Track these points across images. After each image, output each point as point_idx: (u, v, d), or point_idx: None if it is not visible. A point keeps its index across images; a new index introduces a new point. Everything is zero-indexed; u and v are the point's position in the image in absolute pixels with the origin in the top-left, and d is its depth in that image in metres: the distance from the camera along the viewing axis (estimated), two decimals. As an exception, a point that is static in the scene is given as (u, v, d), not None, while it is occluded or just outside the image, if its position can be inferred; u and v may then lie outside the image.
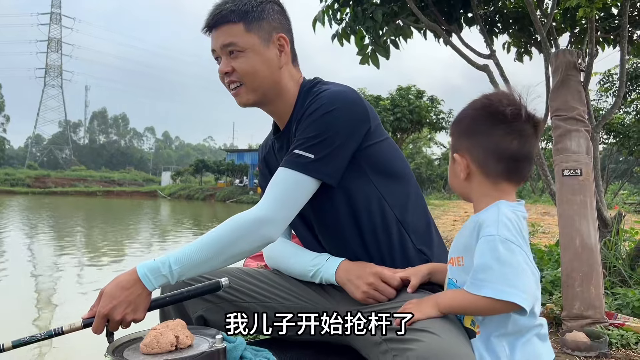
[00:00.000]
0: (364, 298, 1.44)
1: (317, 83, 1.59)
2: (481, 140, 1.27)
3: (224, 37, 1.51)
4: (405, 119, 24.35)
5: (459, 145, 1.31)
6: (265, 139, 1.83)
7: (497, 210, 1.22)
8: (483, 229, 1.20)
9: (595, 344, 2.73)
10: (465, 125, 1.30)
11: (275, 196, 1.42)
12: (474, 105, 1.31)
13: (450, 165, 1.35)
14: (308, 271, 1.55)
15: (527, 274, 1.15)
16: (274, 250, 1.69)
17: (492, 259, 1.15)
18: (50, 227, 17.69)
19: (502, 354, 1.19)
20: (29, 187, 61.07)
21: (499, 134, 1.25)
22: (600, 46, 4.74)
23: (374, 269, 1.47)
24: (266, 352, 1.39)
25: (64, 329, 1.33)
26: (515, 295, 1.12)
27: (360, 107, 1.49)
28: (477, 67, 4.49)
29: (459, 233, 1.35)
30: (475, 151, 1.28)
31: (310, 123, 1.45)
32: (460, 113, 1.34)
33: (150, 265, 1.35)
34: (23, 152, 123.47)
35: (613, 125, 14.68)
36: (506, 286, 1.13)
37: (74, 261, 9.92)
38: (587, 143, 3.22)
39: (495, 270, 1.14)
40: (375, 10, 4.39)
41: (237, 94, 1.56)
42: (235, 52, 1.51)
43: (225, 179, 53.66)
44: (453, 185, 1.38)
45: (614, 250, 3.95)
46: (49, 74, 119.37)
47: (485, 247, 1.17)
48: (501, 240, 1.15)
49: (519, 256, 1.16)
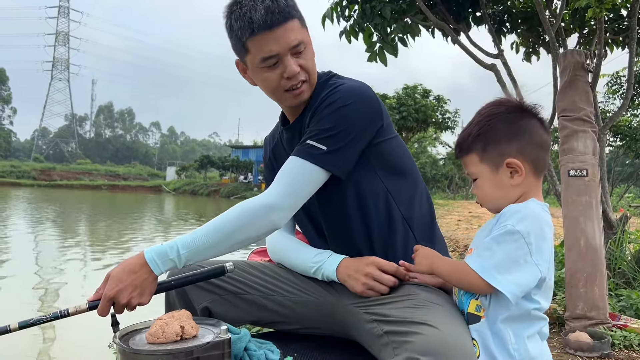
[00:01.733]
0: (363, 290, 1.44)
1: (333, 76, 1.60)
2: (528, 137, 1.29)
3: (293, 35, 1.43)
4: (411, 117, 24.26)
5: (505, 151, 1.29)
6: (271, 131, 1.83)
7: (525, 204, 1.26)
8: (504, 217, 1.24)
9: (598, 345, 2.73)
10: (504, 129, 1.29)
11: (284, 184, 1.43)
12: (497, 110, 1.31)
13: (488, 179, 1.32)
14: (310, 267, 1.56)
15: (522, 268, 1.18)
16: (278, 245, 1.70)
17: (495, 242, 1.20)
18: (62, 219, 17.77)
19: (507, 339, 1.21)
20: (35, 179, 61.42)
21: (537, 127, 1.30)
22: (609, 47, 4.72)
23: (370, 259, 1.47)
24: (270, 345, 1.40)
25: (70, 311, 1.34)
26: (499, 282, 1.17)
27: (375, 104, 1.50)
28: (484, 66, 4.48)
29: (478, 233, 1.39)
30: (527, 149, 1.29)
31: (325, 115, 1.45)
32: (480, 125, 1.31)
33: (158, 250, 1.36)
34: (29, 145, 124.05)
35: (620, 128, 14.58)
36: (494, 269, 1.19)
37: (83, 251, 9.97)
38: (594, 144, 3.21)
39: (493, 252, 1.20)
40: (383, 7, 4.38)
41: (302, 91, 1.51)
42: (303, 50, 1.48)
43: (230, 175, 53.79)
44: (497, 196, 1.32)
45: (619, 252, 3.94)
46: (56, 68, 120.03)
47: (497, 231, 1.22)
48: (513, 230, 1.19)
49: (521, 250, 1.18)
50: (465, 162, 1.37)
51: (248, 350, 1.31)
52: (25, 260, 8.86)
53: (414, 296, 1.37)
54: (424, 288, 1.43)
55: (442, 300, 1.38)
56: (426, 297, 1.36)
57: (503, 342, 1.21)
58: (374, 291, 1.44)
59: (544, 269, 1.20)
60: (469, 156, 1.34)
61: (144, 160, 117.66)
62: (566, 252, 3.15)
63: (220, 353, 1.18)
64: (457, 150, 1.38)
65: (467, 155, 1.35)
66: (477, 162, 1.33)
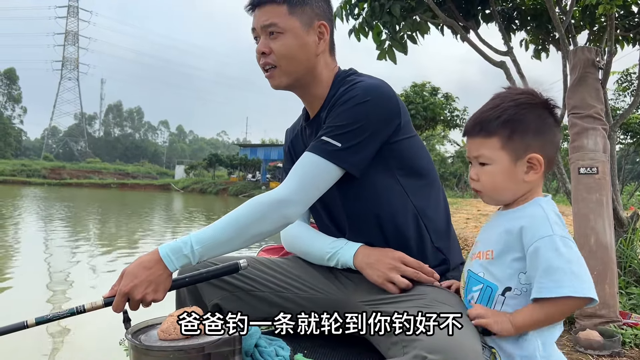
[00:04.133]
0: (382, 282, 1.43)
1: (352, 74, 1.59)
2: (551, 136, 1.27)
3: (266, 16, 1.51)
4: (419, 115, 24.20)
5: (532, 144, 1.24)
6: (293, 124, 1.83)
7: (541, 208, 1.22)
8: (534, 230, 1.19)
9: (609, 343, 2.71)
10: (535, 122, 1.24)
11: (298, 179, 1.43)
12: (531, 101, 1.26)
13: (503, 168, 1.26)
14: (325, 253, 1.55)
15: (585, 265, 1.16)
16: (292, 233, 1.70)
17: (559, 260, 1.14)
18: (74, 216, 17.90)
19: (534, 348, 1.19)
20: (45, 178, 61.87)
21: (556, 127, 1.28)
22: (619, 44, 4.69)
23: (397, 253, 1.47)
24: (280, 342, 1.41)
25: (86, 307, 1.35)
26: (590, 290, 1.13)
27: (393, 102, 1.49)
28: (494, 63, 4.47)
29: (485, 228, 1.35)
30: (547, 148, 1.26)
31: (341, 112, 1.45)
32: (512, 110, 1.24)
33: (172, 246, 1.37)
34: (39, 144, 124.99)
35: (630, 125, 14.45)
36: (580, 282, 1.13)
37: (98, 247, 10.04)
38: (604, 141, 3.19)
39: (566, 270, 1.13)
40: (393, 5, 4.38)
41: (271, 76, 1.56)
42: (275, 33, 1.51)
43: (238, 173, 53.89)
44: (505, 188, 1.28)
45: (630, 250, 3.91)
46: (66, 67, 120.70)
47: (547, 248, 1.16)
48: (560, 238, 1.16)
49: (576, 249, 1.17)
50: (479, 144, 1.28)
51: (258, 346, 1.32)
52: (39, 256, 8.93)
53: (423, 296, 1.37)
54: (433, 288, 1.43)
55: (452, 300, 1.37)
56: (435, 297, 1.36)
57: (529, 351, 1.19)
58: (394, 285, 1.43)
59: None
60: (489, 139, 1.26)
61: (152, 158, 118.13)
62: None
63: (231, 349, 1.19)
64: (477, 128, 1.28)
65: (487, 137, 1.26)
66: (497, 147, 1.25)
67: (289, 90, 1.62)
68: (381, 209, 1.51)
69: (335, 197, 1.54)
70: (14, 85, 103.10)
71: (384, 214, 1.51)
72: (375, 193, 1.51)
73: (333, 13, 1.66)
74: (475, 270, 1.30)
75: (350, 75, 1.58)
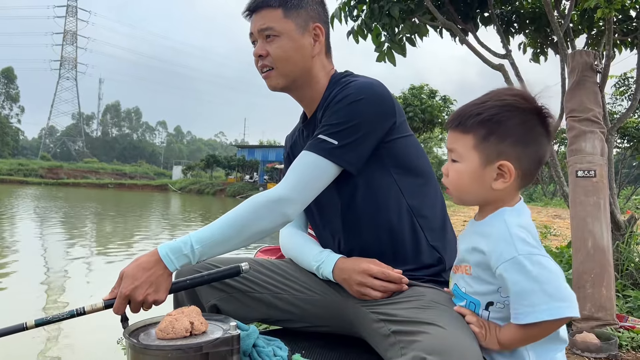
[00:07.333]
0: (359, 296, 1.46)
1: (348, 75, 1.62)
2: (533, 149, 1.17)
3: (263, 20, 1.55)
4: (417, 118, 24.25)
5: (505, 151, 1.15)
6: (293, 129, 1.86)
7: (504, 223, 1.15)
8: (497, 254, 1.12)
9: (605, 346, 2.72)
10: (517, 129, 1.15)
11: (296, 177, 1.45)
12: (519, 105, 1.15)
13: (471, 169, 1.19)
14: (312, 265, 1.58)
15: (561, 278, 1.08)
16: (287, 240, 1.72)
17: (529, 282, 1.07)
18: (71, 216, 17.86)
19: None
20: (42, 177, 61.78)
21: (546, 142, 1.18)
22: (617, 48, 4.70)
23: (362, 266, 1.46)
24: (278, 342, 1.41)
25: (86, 309, 1.35)
26: (568, 308, 1.06)
27: (387, 101, 1.50)
28: (492, 66, 4.47)
29: (461, 238, 1.31)
30: (526, 161, 1.17)
31: (336, 110, 1.47)
32: (494, 110, 1.15)
33: (172, 246, 1.37)
34: (37, 143, 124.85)
35: (627, 129, 14.51)
36: (556, 302, 1.06)
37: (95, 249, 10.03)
38: (602, 145, 3.20)
39: (538, 292, 1.06)
40: (392, 7, 4.38)
41: (268, 77, 1.59)
42: (272, 37, 1.55)
43: (236, 174, 53.90)
44: (470, 191, 1.22)
45: (627, 253, 3.92)
46: (64, 67, 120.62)
47: (513, 272, 1.09)
48: (526, 257, 1.08)
49: (547, 264, 1.08)
50: (455, 138, 1.22)
51: (257, 346, 1.32)
52: (36, 257, 8.90)
53: (421, 297, 1.37)
54: (431, 290, 1.43)
55: (449, 302, 1.38)
56: (433, 299, 1.36)
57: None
58: (369, 296, 1.44)
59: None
60: (465, 136, 1.19)
61: (150, 159, 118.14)
62: (574, 252, 3.14)
63: (229, 349, 1.19)
64: (456, 121, 1.21)
65: (462, 133, 1.19)
66: (469, 146, 1.18)
67: (286, 92, 1.64)
68: (375, 207, 1.52)
69: (331, 196, 1.55)
70: (12, 85, 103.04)
71: (378, 213, 1.52)
72: (370, 192, 1.51)
73: (329, 16, 1.69)
74: (460, 285, 1.28)
75: (346, 77, 1.60)
